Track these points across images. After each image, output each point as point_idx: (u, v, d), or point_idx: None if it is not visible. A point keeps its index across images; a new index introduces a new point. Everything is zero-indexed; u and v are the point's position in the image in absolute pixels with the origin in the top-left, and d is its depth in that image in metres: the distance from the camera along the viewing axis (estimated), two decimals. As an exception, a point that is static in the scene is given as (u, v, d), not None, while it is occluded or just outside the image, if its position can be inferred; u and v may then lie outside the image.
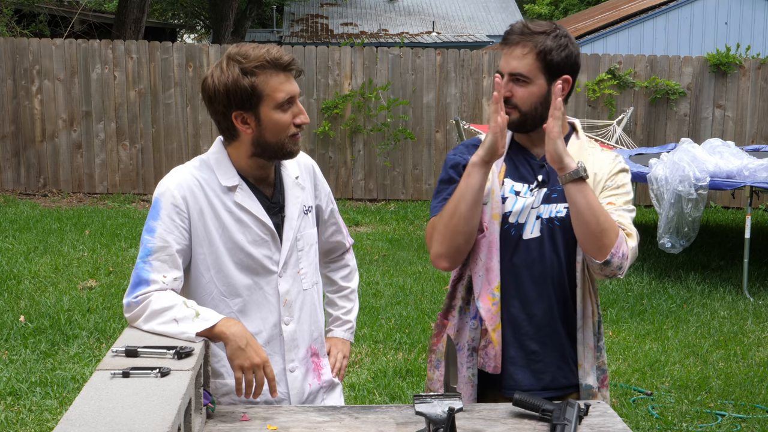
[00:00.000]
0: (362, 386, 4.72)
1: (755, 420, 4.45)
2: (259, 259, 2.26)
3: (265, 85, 2.16)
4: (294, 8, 23.52)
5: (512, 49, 2.30)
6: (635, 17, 15.33)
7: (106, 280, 6.72)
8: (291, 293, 2.31)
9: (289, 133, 2.21)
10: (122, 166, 10.93)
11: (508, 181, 2.36)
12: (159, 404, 1.73)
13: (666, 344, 5.63)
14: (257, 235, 2.26)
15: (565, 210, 2.30)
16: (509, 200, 2.34)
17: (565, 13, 26.54)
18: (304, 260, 2.34)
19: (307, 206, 2.38)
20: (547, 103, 2.30)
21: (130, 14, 14.35)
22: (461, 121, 9.09)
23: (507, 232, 2.33)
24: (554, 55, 2.28)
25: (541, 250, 2.32)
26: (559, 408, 2.07)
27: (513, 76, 2.29)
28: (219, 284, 2.25)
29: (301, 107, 2.23)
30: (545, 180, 2.34)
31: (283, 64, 2.18)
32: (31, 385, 4.56)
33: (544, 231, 2.32)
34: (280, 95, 2.17)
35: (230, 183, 2.24)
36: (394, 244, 8.55)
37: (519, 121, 2.32)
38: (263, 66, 2.16)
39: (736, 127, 11.25)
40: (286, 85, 2.18)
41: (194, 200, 2.22)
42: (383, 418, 2.13)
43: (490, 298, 2.31)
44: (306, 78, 10.95)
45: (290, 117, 2.20)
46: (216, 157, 2.27)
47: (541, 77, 2.29)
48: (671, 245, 6.90)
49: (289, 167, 2.36)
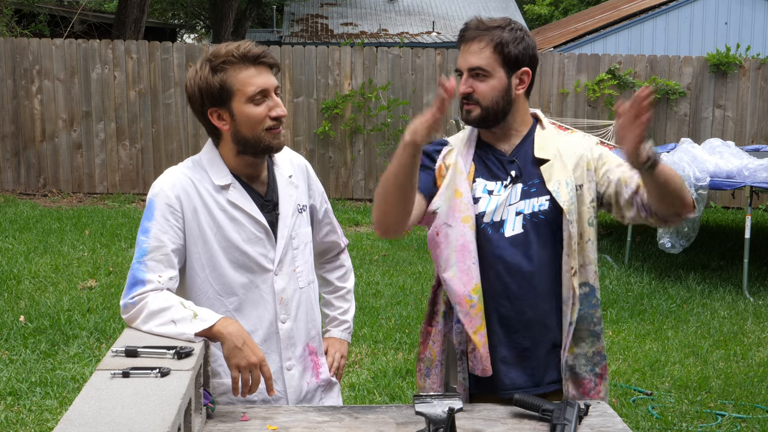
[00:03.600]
0: (362, 386, 4.72)
1: (755, 420, 4.44)
2: (254, 257, 2.27)
3: (234, 80, 2.18)
4: (294, 8, 23.51)
5: (469, 44, 2.31)
6: (635, 17, 15.33)
7: (106, 280, 6.71)
8: (287, 291, 2.31)
9: (264, 126, 2.20)
10: (122, 166, 10.93)
11: (480, 180, 2.36)
12: (159, 404, 1.73)
13: (666, 344, 5.63)
14: (252, 233, 2.26)
15: (547, 203, 2.29)
16: (482, 200, 2.34)
17: (565, 13, 26.53)
18: (299, 258, 2.34)
19: (302, 205, 2.38)
20: (509, 96, 2.31)
21: (130, 14, 14.34)
22: (461, 122, 9.08)
23: (483, 232, 2.32)
24: (511, 47, 2.29)
25: (526, 245, 2.30)
26: (559, 408, 2.07)
27: (472, 71, 2.29)
28: (214, 283, 2.25)
29: (278, 100, 2.22)
30: (518, 175, 2.34)
31: (251, 57, 2.18)
32: (31, 385, 4.56)
33: (528, 226, 2.30)
34: (250, 89, 2.17)
35: (223, 182, 2.25)
36: (394, 244, 8.54)
37: (481, 117, 2.31)
38: (230, 61, 2.17)
39: (736, 127, 11.25)
40: (257, 78, 2.18)
41: (188, 200, 2.23)
42: (383, 418, 2.13)
43: (467, 300, 2.29)
44: (306, 78, 10.96)
45: (265, 110, 2.20)
46: (208, 157, 2.29)
47: (500, 70, 2.29)
48: (671, 245, 6.91)
49: (282, 166, 2.36)
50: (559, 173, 2.30)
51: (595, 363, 2.35)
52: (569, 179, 2.30)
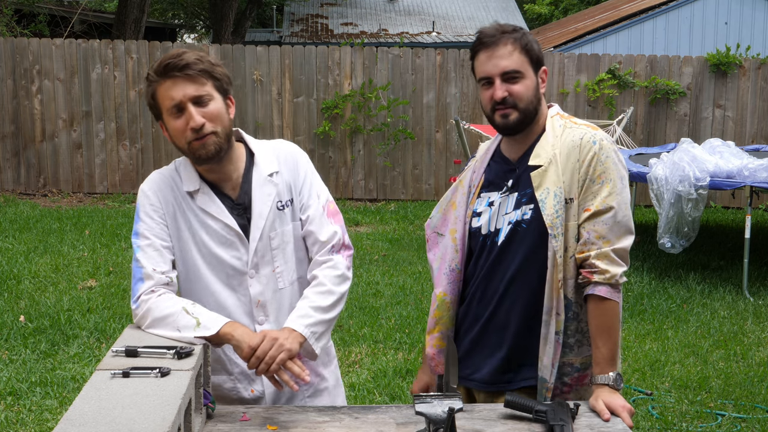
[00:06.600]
0: (362, 386, 4.72)
1: (755, 420, 4.44)
2: (228, 261, 2.27)
3: (158, 95, 2.19)
4: (294, 8, 23.51)
5: (494, 49, 2.28)
6: (635, 17, 15.33)
7: (106, 280, 6.71)
8: (265, 294, 2.30)
9: (187, 139, 2.17)
10: (122, 166, 10.93)
11: (484, 195, 2.39)
12: (159, 404, 1.73)
13: (666, 344, 5.62)
14: (223, 237, 2.27)
15: (530, 212, 2.28)
16: (484, 214, 2.37)
17: (565, 13, 26.51)
18: (279, 258, 2.30)
19: (283, 201, 2.31)
20: (538, 95, 2.32)
21: (130, 14, 14.34)
22: (461, 121, 9.08)
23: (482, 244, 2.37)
24: (534, 47, 2.32)
25: (508, 253, 2.32)
26: (552, 409, 2.08)
27: (507, 74, 2.27)
28: (194, 281, 2.29)
29: (192, 111, 2.14)
30: (514, 184, 2.34)
31: (160, 70, 2.16)
32: (31, 385, 4.56)
33: (511, 234, 2.31)
34: (167, 103, 2.17)
35: (191, 188, 2.27)
36: (394, 244, 8.55)
37: (520, 120, 2.30)
38: (152, 77, 2.19)
39: (736, 127, 11.25)
40: (171, 91, 2.16)
41: (166, 200, 2.27)
42: (383, 418, 2.13)
43: (432, 303, 2.46)
44: (306, 78, 10.96)
45: (183, 123, 2.16)
46: (183, 162, 2.32)
47: (530, 70, 2.31)
48: (671, 245, 6.90)
49: (263, 165, 2.30)
50: (549, 181, 2.26)
51: (563, 373, 2.32)
52: (558, 190, 2.24)
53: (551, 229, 2.23)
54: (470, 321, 2.41)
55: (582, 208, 2.25)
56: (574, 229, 2.25)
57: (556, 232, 2.23)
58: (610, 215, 2.22)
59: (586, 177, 2.25)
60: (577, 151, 2.26)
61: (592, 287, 2.22)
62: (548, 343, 2.27)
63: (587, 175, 2.25)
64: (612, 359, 2.22)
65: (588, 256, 2.22)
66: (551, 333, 2.26)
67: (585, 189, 2.25)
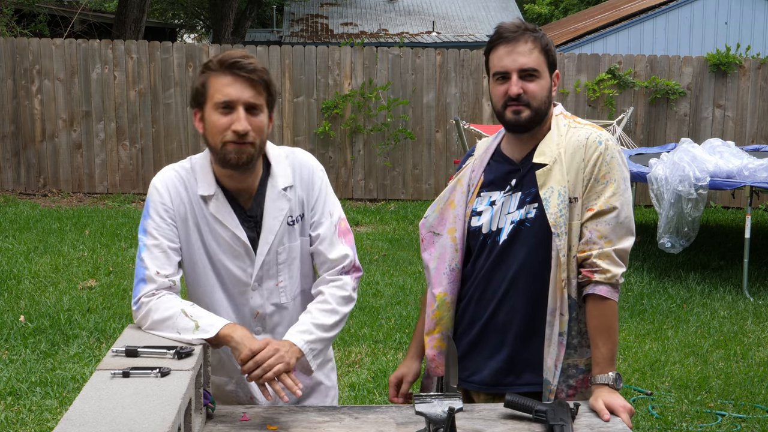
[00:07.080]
0: (362, 386, 4.72)
1: (755, 420, 4.44)
2: (233, 271, 2.26)
3: (210, 84, 2.16)
4: (294, 8, 23.52)
5: (514, 45, 2.26)
6: (635, 17, 15.33)
7: (106, 280, 6.71)
8: (265, 307, 2.29)
9: (224, 139, 2.14)
10: (122, 166, 10.93)
11: (485, 194, 2.37)
12: (159, 404, 1.73)
13: (666, 344, 5.62)
14: (231, 247, 2.25)
15: (534, 211, 2.28)
16: (485, 213, 2.35)
17: (565, 13, 26.52)
18: (284, 273, 2.30)
19: (294, 217, 2.29)
20: (550, 98, 2.32)
21: (130, 14, 14.34)
22: (461, 121, 9.08)
23: (482, 243, 2.35)
24: (552, 49, 2.32)
25: (510, 252, 2.31)
26: (552, 409, 2.08)
27: (524, 71, 2.26)
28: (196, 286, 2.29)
29: (241, 116, 2.12)
30: (518, 184, 2.32)
31: (226, 63, 2.14)
32: (31, 385, 4.56)
33: (514, 233, 2.30)
34: (218, 96, 2.14)
35: (206, 192, 2.24)
36: (394, 244, 8.55)
37: (531, 118, 2.29)
38: (212, 66, 2.17)
39: (736, 127, 11.25)
40: (228, 88, 2.13)
41: (179, 200, 2.25)
42: (383, 418, 2.13)
43: (431, 304, 2.43)
44: (306, 78, 10.95)
45: (228, 122, 2.13)
46: (201, 163, 2.28)
47: (546, 71, 2.30)
48: (671, 245, 6.90)
49: (279, 178, 2.28)
50: (554, 179, 2.25)
51: (569, 375, 2.31)
52: (563, 189, 2.24)
53: (555, 228, 2.23)
54: (467, 322, 2.39)
55: (585, 208, 2.25)
56: (577, 229, 2.25)
57: (559, 231, 2.23)
58: (613, 215, 2.23)
59: (590, 177, 2.25)
60: (582, 150, 2.27)
61: (593, 286, 2.22)
62: (552, 344, 2.26)
63: (592, 175, 2.25)
64: (612, 359, 2.22)
65: (589, 255, 2.22)
66: (555, 334, 2.25)
67: (589, 188, 2.25)
